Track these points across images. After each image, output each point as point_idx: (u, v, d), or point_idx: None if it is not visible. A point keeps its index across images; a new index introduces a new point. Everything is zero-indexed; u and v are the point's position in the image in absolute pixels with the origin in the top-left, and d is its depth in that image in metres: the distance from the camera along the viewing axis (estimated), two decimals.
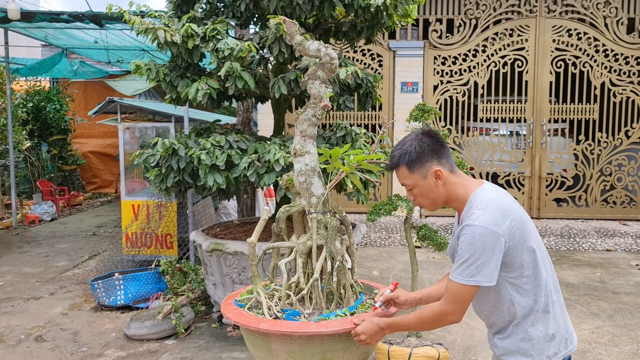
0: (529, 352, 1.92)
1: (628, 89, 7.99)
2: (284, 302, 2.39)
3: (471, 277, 1.83)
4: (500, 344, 1.98)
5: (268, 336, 2.28)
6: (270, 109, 5.06)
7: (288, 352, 2.28)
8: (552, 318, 1.94)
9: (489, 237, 1.81)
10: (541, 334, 1.92)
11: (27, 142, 10.49)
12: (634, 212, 8.15)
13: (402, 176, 2.02)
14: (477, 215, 1.85)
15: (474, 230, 1.82)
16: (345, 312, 2.38)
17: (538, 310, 1.92)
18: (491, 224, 1.82)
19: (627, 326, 4.67)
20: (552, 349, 1.93)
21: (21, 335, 4.62)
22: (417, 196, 2.04)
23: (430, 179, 1.97)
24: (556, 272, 6.70)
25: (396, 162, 2.01)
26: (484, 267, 1.82)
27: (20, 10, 7.51)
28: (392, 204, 3.83)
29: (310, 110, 2.54)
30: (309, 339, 2.24)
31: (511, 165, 8.22)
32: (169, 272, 5.26)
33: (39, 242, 8.10)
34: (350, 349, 2.31)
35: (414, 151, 1.97)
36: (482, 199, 1.90)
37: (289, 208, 2.44)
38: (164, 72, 4.33)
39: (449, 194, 2.00)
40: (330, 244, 2.43)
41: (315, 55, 2.55)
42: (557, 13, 7.97)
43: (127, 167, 6.95)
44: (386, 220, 7.90)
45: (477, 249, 1.81)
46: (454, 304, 1.89)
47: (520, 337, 1.93)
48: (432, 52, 8.10)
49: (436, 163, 1.97)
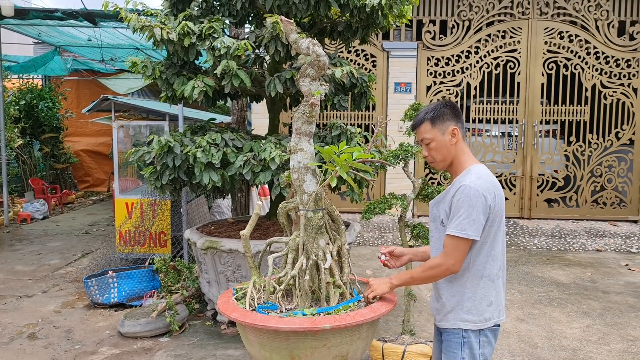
0: (471, 310, 2.23)
1: (618, 91, 8.08)
2: (275, 295, 2.42)
3: (463, 230, 2.13)
4: (450, 301, 2.27)
5: (243, 326, 2.40)
6: (264, 108, 5.09)
7: (260, 343, 2.38)
8: (494, 289, 2.26)
9: (480, 199, 2.13)
10: (484, 297, 2.23)
11: (19, 140, 10.42)
12: (623, 213, 8.25)
13: (424, 131, 2.29)
14: (473, 179, 2.17)
15: (469, 191, 2.13)
16: (312, 313, 2.41)
17: (486, 276, 2.23)
18: (484, 189, 2.15)
19: (617, 325, 4.74)
20: (487, 313, 2.24)
21: (14, 333, 4.60)
22: (432, 150, 2.29)
23: (447, 136, 2.27)
24: (547, 271, 6.73)
25: (422, 118, 2.29)
26: (474, 223, 2.13)
27: (14, 7, 7.47)
28: (387, 202, 3.86)
29: (302, 108, 2.57)
30: (275, 334, 2.31)
31: (503, 166, 8.29)
32: (163, 270, 5.26)
33: (31, 240, 8.06)
34: (318, 349, 2.36)
35: (438, 110, 2.28)
36: (479, 171, 2.23)
37: (286, 204, 2.46)
38: (160, 69, 4.34)
39: (456, 156, 2.29)
40: (308, 242, 2.46)
41: (306, 52, 2.59)
42: (549, 15, 8.05)
43: (120, 166, 6.94)
44: (379, 220, 7.94)
45: (471, 206, 2.12)
46: (453, 255, 2.17)
47: (467, 297, 2.24)
48: (426, 53, 8.15)
49: (454, 124, 2.28)
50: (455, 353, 2.25)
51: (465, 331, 2.23)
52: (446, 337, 2.29)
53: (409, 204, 3.93)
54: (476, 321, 2.23)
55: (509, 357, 4.07)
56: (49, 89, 12.09)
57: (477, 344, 2.23)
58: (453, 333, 2.26)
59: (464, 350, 2.23)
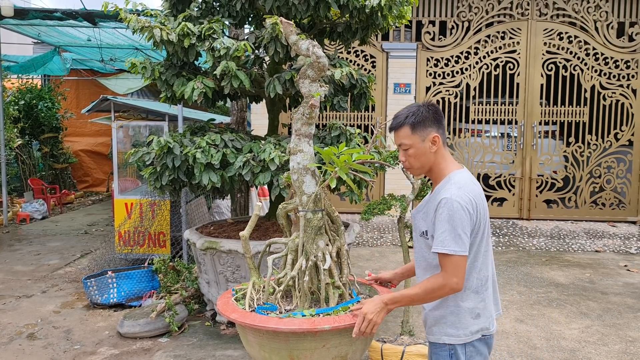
0: (455, 324, 2.14)
1: (617, 92, 8.09)
2: (275, 296, 2.42)
3: (449, 247, 2.01)
4: (431, 314, 2.18)
5: (243, 327, 2.39)
6: (264, 109, 5.09)
7: (259, 344, 2.38)
8: (481, 300, 2.15)
9: (463, 212, 2.02)
10: (469, 310, 2.13)
11: (18, 140, 10.42)
12: (622, 213, 8.25)
13: (403, 135, 2.16)
14: (454, 191, 2.05)
15: (451, 204, 2.02)
16: (312, 313, 2.41)
17: (469, 289, 2.12)
18: (466, 202, 2.04)
19: (615, 326, 4.74)
20: (474, 326, 2.14)
21: (13, 334, 4.60)
22: (410, 157, 2.17)
23: (427, 143, 2.14)
24: (546, 272, 6.73)
25: (401, 122, 2.15)
26: (459, 238, 2.01)
27: (13, 7, 7.47)
28: (386, 203, 3.87)
29: (301, 109, 2.58)
30: (274, 334, 2.31)
31: (502, 167, 8.29)
32: (162, 271, 5.27)
33: (30, 241, 8.06)
34: (318, 350, 2.36)
35: (420, 114, 2.14)
36: (460, 180, 2.11)
37: (286, 205, 2.47)
38: (160, 70, 4.34)
39: (436, 163, 2.17)
40: (307, 243, 2.47)
41: (306, 54, 2.60)
42: (549, 16, 8.06)
43: (120, 166, 6.94)
44: (378, 220, 7.94)
45: (454, 221, 2.01)
46: (454, 273, 2.03)
47: (450, 310, 2.14)
48: (425, 54, 8.16)
49: (435, 130, 2.15)
50: None
51: (452, 346, 2.15)
52: (433, 350, 2.23)
53: (408, 204, 3.93)
54: (461, 335, 2.14)
55: (507, 358, 4.08)
56: (48, 89, 12.08)
57: (464, 356, 2.14)
58: (439, 347, 2.18)
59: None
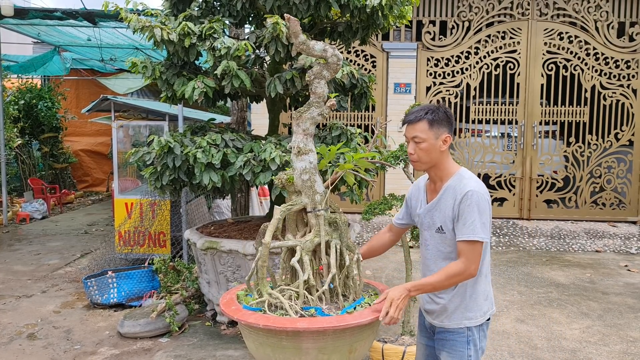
0: (472, 308, 2.29)
1: (618, 92, 8.09)
2: (301, 300, 2.37)
3: (478, 235, 2.16)
4: (453, 301, 2.29)
5: (300, 335, 2.22)
6: (264, 108, 5.08)
7: (319, 348, 2.26)
8: (488, 283, 2.36)
9: (487, 203, 2.21)
10: (482, 293, 2.31)
11: (18, 140, 10.41)
12: (623, 213, 8.25)
13: (420, 129, 2.26)
14: (474, 184, 2.22)
15: (478, 196, 2.19)
16: (368, 302, 2.41)
17: (482, 273, 2.29)
18: (485, 193, 2.24)
19: (616, 326, 4.74)
20: (485, 307, 2.33)
21: (13, 334, 4.60)
22: (421, 150, 2.27)
23: (440, 142, 2.27)
24: (546, 272, 6.74)
25: (421, 116, 2.26)
26: (485, 226, 2.19)
27: (13, 6, 7.47)
28: (387, 203, 3.87)
29: (316, 109, 2.55)
30: (342, 332, 2.26)
31: (502, 167, 8.29)
32: (163, 271, 5.26)
33: (30, 240, 8.06)
34: (370, 337, 2.41)
35: (439, 113, 2.27)
36: (472, 175, 2.30)
37: (290, 207, 2.43)
38: (160, 70, 4.33)
39: (441, 161, 2.30)
40: (346, 238, 2.48)
41: (321, 55, 2.56)
42: (549, 16, 8.05)
43: (120, 166, 6.94)
44: (379, 220, 7.94)
45: (481, 211, 2.18)
46: (473, 259, 2.18)
47: (469, 294, 2.29)
48: (425, 54, 8.15)
49: (447, 131, 2.29)
50: (462, 352, 2.29)
51: (469, 329, 2.29)
52: (449, 337, 2.32)
53: None
54: (478, 317, 2.30)
55: (508, 358, 4.08)
56: (48, 89, 12.07)
57: (478, 340, 2.31)
58: (457, 332, 2.30)
59: (470, 348, 2.29)
